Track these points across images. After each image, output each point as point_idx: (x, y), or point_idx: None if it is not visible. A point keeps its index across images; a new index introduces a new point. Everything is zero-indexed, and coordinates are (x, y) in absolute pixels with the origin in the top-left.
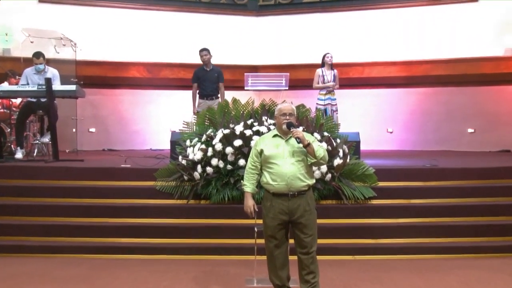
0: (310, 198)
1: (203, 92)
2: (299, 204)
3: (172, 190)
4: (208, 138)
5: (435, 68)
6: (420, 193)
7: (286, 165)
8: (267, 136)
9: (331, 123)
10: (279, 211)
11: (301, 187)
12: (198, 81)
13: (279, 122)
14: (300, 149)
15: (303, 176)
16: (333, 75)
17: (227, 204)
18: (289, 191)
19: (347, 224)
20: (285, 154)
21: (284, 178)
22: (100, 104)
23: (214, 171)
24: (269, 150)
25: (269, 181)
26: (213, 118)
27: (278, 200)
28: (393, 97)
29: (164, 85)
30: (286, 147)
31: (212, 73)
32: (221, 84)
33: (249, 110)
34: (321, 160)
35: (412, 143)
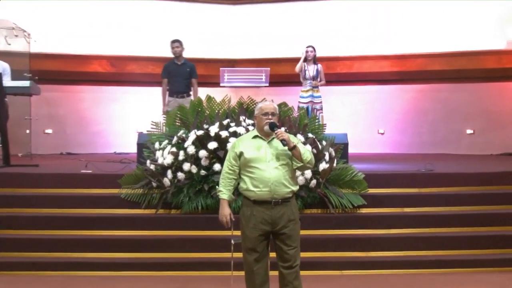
0: (294, 206)
1: (174, 89)
2: (283, 213)
3: (139, 199)
4: (180, 140)
5: (431, 63)
6: (414, 201)
7: (270, 169)
8: (246, 137)
9: (316, 123)
10: (260, 220)
11: (286, 194)
12: (168, 76)
13: (260, 122)
14: (284, 152)
15: (287, 182)
16: (317, 70)
17: (200, 213)
18: (273, 198)
19: (334, 235)
20: (267, 157)
21: (267, 183)
22: (57, 102)
23: (186, 177)
24: (250, 152)
25: (249, 187)
26: (185, 118)
27: (259, 208)
28: (385, 94)
29: (131, 81)
30: (268, 150)
31: (184, 68)
32: (194, 80)
33: (225, 109)
34: (308, 164)
35: (406, 146)
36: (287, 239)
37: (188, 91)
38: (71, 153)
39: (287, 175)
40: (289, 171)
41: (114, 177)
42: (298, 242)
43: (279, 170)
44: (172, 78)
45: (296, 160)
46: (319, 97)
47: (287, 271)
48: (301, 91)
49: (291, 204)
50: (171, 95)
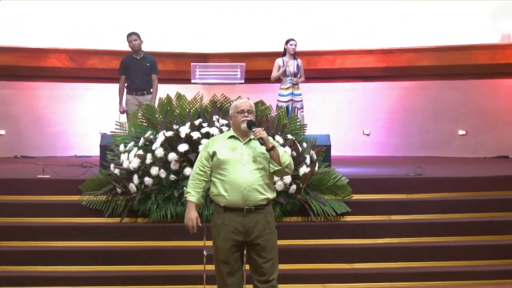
0: (270, 214)
1: (132, 86)
2: (257, 221)
3: (102, 206)
4: (147, 142)
5: (420, 58)
6: (402, 208)
7: (243, 173)
8: (221, 137)
9: (296, 123)
10: (232, 229)
11: (259, 201)
12: (127, 73)
13: (237, 121)
14: (262, 154)
15: (262, 188)
16: (297, 65)
17: (170, 222)
18: (245, 205)
19: (316, 245)
20: (243, 159)
21: (239, 188)
22: (11, 100)
23: (154, 183)
24: (224, 153)
25: (220, 192)
26: (153, 118)
27: (231, 216)
28: (370, 92)
29: (92, 77)
30: (244, 151)
31: (143, 63)
32: (155, 76)
33: (197, 108)
34: (287, 168)
35: (393, 148)
36: (262, 250)
37: (149, 88)
38: (26, 156)
39: (262, 181)
40: (265, 176)
41: (74, 182)
42: (274, 254)
43: (253, 175)
44: (130, 75)
45: (274, 163)
46: (300, 94)
47: (263, 285)
48: (280, 88)
49: (266, 211)
50: (130, 93)
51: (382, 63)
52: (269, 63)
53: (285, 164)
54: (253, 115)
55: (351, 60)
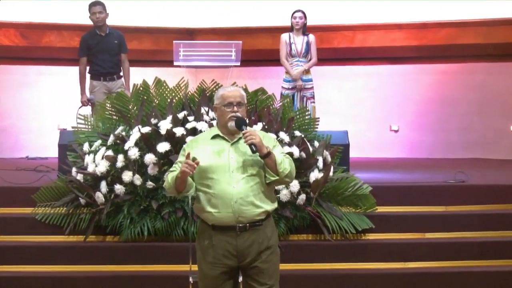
0: (271, 230)
1: (99, 70)
2: (253, 241)
3: (62, 221)
4: (118, 140)
5: (462, 34)
6: (439, 223)
7: (233, 182)
8: (203, 137)
9: (306, 117)
10: (223, 253)
11: (255, 216)
12: (89, 54)
13: (222, 116)
14: (256, 158)
15: (258, 199)
16: (307, 43)
17: (146, 241)
18: (238, 222)
19: (330, 271)
20: (231, 166)
21: (229, 202)
22: None
23: (126, 191)
24: (206, 158)
25: (205, 207)
26: (125, 110)
27: (220, 237)
28: (398, 77)
29: (49, 58)
30: (233, 155)
31: (110, 40)
32: (124, 55)
33: (181, 98)
34: (286, 177)
35: (427, 148)
36: (259, 274)
37: (119, 71)
38: None
39: (257, 190)
40: (260, 184)
41: (26, 191)
42: (276, 280)
43: (246, 183)
44: (95, 56)
45: (270, 171)
46: (310, 80)
47: None
48: (285, 72)
49: (265, 228)
50: (96, 78)
51: (414, 41)
52: (272, 41)
53: (284, 173)
54: (244, 108)
55: (375, 37)
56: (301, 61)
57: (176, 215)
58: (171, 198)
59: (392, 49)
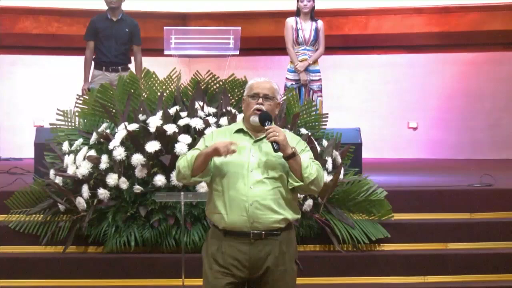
0: (288, 243)
1: (103, 58)
2: (268, 253)
3: (38, 230)
4: (102, 138)
5: (489, 20)
6: (463, 232)
7: (249, 183)
8: (227, 130)
9: (313, 112)
10: (232, 261)
11: (273, 223)
12: (97, 38)
13: (247, 108)
14: (280, 159)
15: (277, 204)
16: (315, 30)
17: (134, 252)
18: (252, 229)
19: (340, 286)
20: (250, 164)
21: (243, 204)
22: None
23: (111, 196)
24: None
25: (217, 209)
26: (110, 104)
27: (231, 243)
28: (418, 68)
29: (24, 46)
30: (255, 153)
31: (122, 27)
32: (137, 47)
33: (173, 91)
34: (312, 185)
35: (450, 147)
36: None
37: (126, 63)
38: None
39: (277, 195)
40: (281, 189)
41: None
42: None
43: (265, 186)
44: (100, 42)
45: (293, 176)
46: (318, 71)
47: None
48: (290, 62)
49: (283, 239)
50: (99, 68)
51: (436, 27)
52: (275, 28)
53: (309, 179)
54: (274, 104)
55: (390, 22)
56: (309, 50)
57: (167, 223)
58: (161, 204)
59: (410, 37)
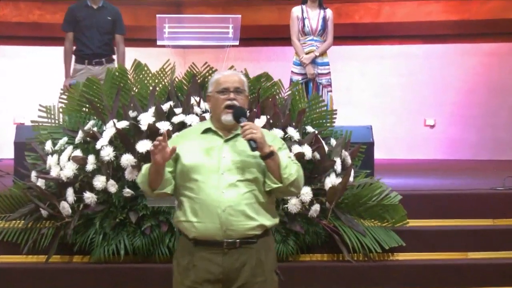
0: (266, 251)
1: (86, 50)
2: (244, 263)
3: (18, 238)
4: (88, 137)
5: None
6: (485, 241)
7: (221, 187)
8: (192, 131)
9: (321, 108)
10: (204, 274)
11: (248, 230)
12: (76, 29)
13: (217, 106)
14: (254, 159)
15: (252, 210)
16: (323, 19)
17: (123, 262)
18: (225, 237)
19: None
20: (221, 166)
21: (215, 210)
22: None
23: (99, 201)
24: (192, 156)
25: (187, 216)
26: (97, 100)
27: (204, 254)
28: (435, 60)
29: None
30: (225, 154)
31: (103, 15)
32: (120, 37)
33: (166, 85)
34: (291, 186)
35: (469, 147)
36: None
37: (111, 54)
38: None
39: (252, 199)
40: (257, 193)
41: None
42: None
43: (238, 189)
44: (81, 32)
45: (271, 176)
46: (327, 64)
47: None
48: (295, 54)
49: (260, 247)
50: (81, 61)
51: (454, 15)
52: (279, 16)
53: (289, 180)
54: (245, 97)
55: (405, 9)
56: (316, 41)
57: (160, 230)
58: (153, 209)
59: (427, 25)
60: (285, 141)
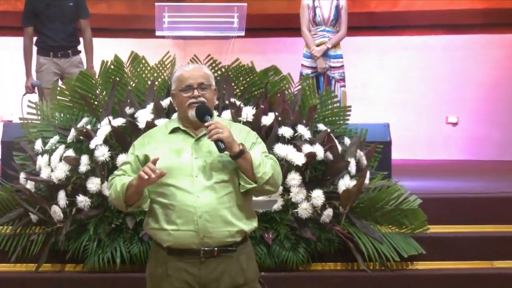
0: (247, 258)
1: (50, 42)
2: (222, 273)
3: (6, 245)
4: (81, 135)
5: None
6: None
7: (196, 191)
8: (159, 131)
9: (333, 104)
10: (180, 285)
11: (227, 237)
12: (36, 21)
13: (181, 104)
14: (227, 159)
15: (231, 214)
16: (335, 7)
17: (119, 271)
18: (202, 245)
19: None
20: (194, 169)
21: (191, 217)
22: None
23: (93, 205)
24: (162, 159)
25: (160, 224)
26: (90, 95)
27: (178, 264)
28: (459, 52)
29: None
30: (197, 154)
31: (64, 3)
32: (85, 21)
33: (166, 79)
34: (267, 185)
35: (495, 146)
36: None
37: (76, 45)
38: None
39: (230, 202)
40: (235, 195)
41: None
42: None
43: (215, 193)
44: (43, 24)
45: (244, 176)
46: (340, 56)
47: None
48: (306, 45)
49: (239, 255)
50: (44, 53)
51: (479, 3)
52: (288, 3)
53: (264, 179)
54: (211, 92)
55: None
56: (328, 32)
57: None
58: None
59: (449, 14)
60: (296, 140)
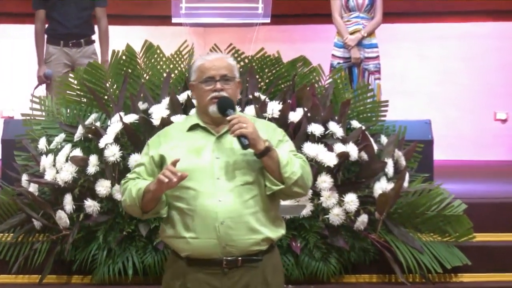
0: (273, 269)
1: (60, 29)
2: (247, 285)
3: (7, 254)
4: (90, 133)
5: None
6: None
7: (218, 195)
8: (177, 128)
9: (368, 99)
10: None
11: (251, 246)
12: (49, 5)
13: (201, 97)
14: (252, 158)
15: (256, 220)
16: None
17: (132, 284)
18: (224, 255)
19: None
20: (215, 170)
21: (212, 223)
22: None
23: (102, 210)
24: (181, 159)
25: (178, 231)
26: (100, 89)
27: (198, 276)
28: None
29: None
30: (219, 154)
31: None
32: (101, 10)
33: (183, 71)
34: (296, 186)
35: None
36: None
37: (89, 34)
38: None
39: (255, 206)
40: (260, 198)
41: None
42: None
43: (238, 196)
44: (54, 8)
45: (270, 177)
46: (375, 46)
47: None
48: (337, 34)
49: (265, 265)
50: (54, 42)
51: None
52: None
53: (292, 179)
54: (235, 85)
55: None
56: (363, 18)
57: None
58: None
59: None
60: (327, 138)
